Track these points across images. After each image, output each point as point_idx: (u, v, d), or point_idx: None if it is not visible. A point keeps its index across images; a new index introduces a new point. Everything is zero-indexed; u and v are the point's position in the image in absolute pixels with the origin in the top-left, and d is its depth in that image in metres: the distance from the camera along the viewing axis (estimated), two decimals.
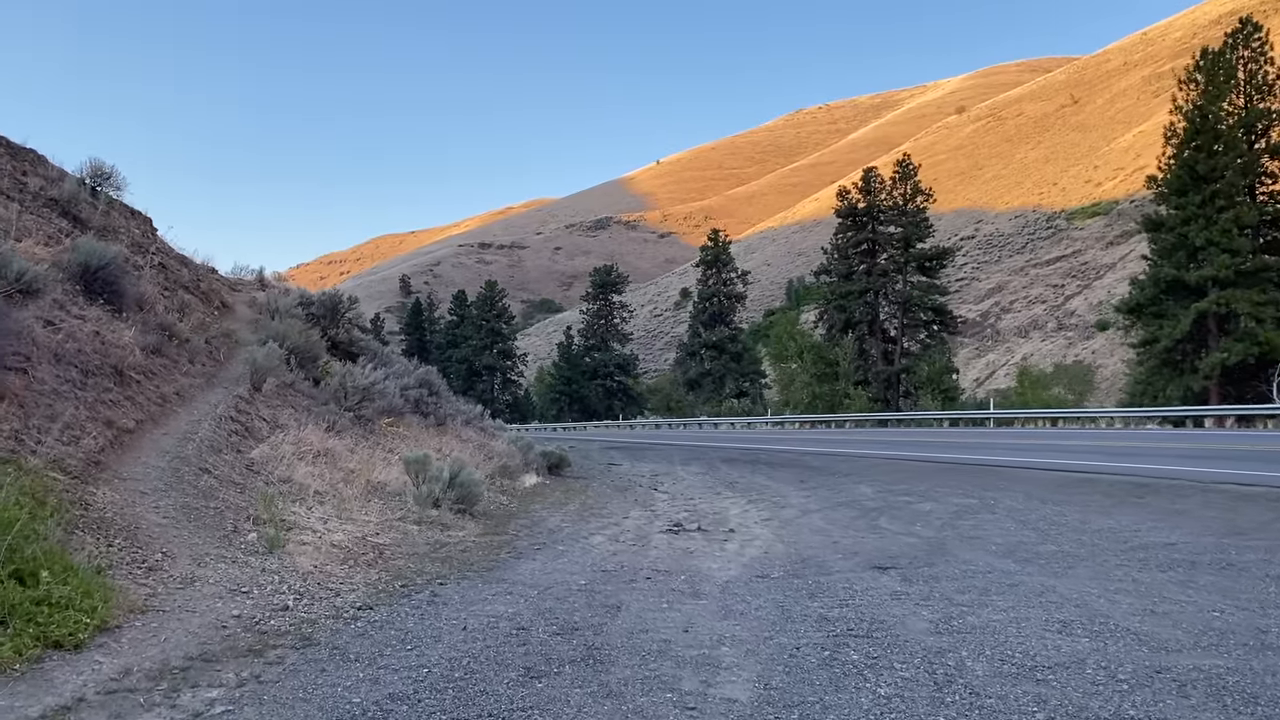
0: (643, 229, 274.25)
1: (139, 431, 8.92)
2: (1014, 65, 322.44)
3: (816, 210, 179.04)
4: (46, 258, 10.62)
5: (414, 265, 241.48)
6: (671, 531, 10.86)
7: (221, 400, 11.33)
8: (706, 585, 6.96)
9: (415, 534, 8.96)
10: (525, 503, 13.77)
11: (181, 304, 14.06)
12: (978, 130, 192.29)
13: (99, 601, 4.78)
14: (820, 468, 19.71)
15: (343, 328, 18.73)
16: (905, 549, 8.80)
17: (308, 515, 8.49)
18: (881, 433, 36.33)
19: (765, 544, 9.64)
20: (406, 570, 7.28)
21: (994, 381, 77.49)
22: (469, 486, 10.90)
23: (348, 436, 12.60)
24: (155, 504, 7.25)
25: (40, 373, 8.24)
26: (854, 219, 61.63)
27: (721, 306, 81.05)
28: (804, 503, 13.86)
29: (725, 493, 15.89)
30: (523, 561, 8.05)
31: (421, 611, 5.77)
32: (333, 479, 10.20)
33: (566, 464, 19.77)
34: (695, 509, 13.65)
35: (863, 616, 5.64)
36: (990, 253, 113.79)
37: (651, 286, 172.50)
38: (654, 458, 26.26)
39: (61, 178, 14.13)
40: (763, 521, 11.93)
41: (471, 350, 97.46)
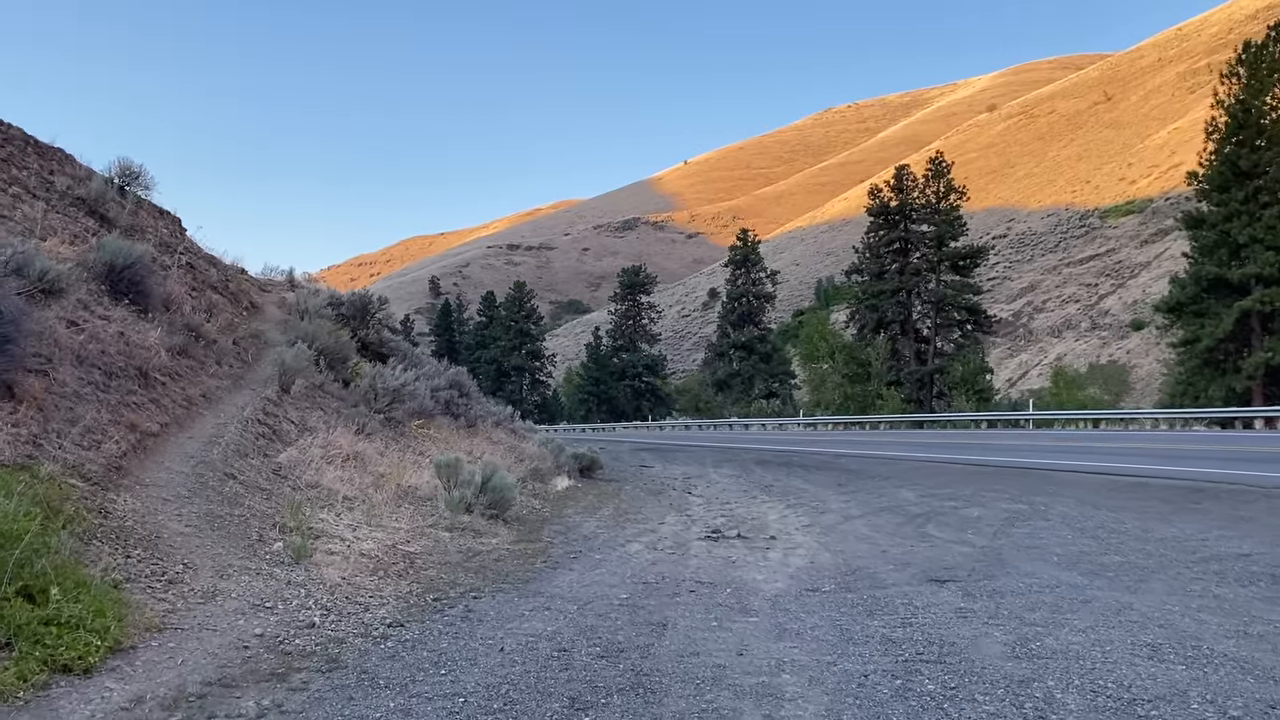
0: (670, 229, 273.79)
1: (163, 435, 8.64)
2: (1046, 62, 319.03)
3: (846, 209, 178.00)
4: (71, 257, 10.39)
5: (443, 267, 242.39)
6: (710, 538, 10.47)
7: (249, 402, 11.06)
8: (754, 600, 6.57)
9: (447, 541, 8.62)
10: (558, 507, 13.42)
11: (209, 304, 13.83)
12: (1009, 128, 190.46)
13: (112, 620, 4.45)
14: (858, 471, 19.24)
15: (373, 328, 18.47)
16: (960, 559, 8.36)
17: (336, 522, 8.17)
18: (916, 434, 35.72)
19: (810, 553, 9.23)
20: (439, 582, 6.93)
21: (1026, 382, 76.49)
22: (501, 491, 10.56)
23: (378, 439, 12.30)
24: (178, 511, 6.95)
25: (61, 374, 7.97)
26: (886, 217, 60.87)
27: (750, 307, 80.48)
28: (844, 508, 13.43)
29: (761, 496, 15.48)
30: (559, 572, 7.69)
31: (455, 629, 5.42)
32: (362, 484, 9.88)
33: (598, 466, 19.41)
34: (732, 514, 13.26)
35: (930, 638, 5.22)
36: (1022, 252, 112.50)
37: (679, 287, 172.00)
38: (685, 459, 25.87)
39: (89, 177, 13.94)
40: (804, 528, 11.52)
41: (500, 351, 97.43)
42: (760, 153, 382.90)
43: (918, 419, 43.92)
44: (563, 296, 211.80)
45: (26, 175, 12.43)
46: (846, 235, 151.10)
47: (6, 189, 11.50)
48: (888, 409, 48.95)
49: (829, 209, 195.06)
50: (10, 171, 12.15)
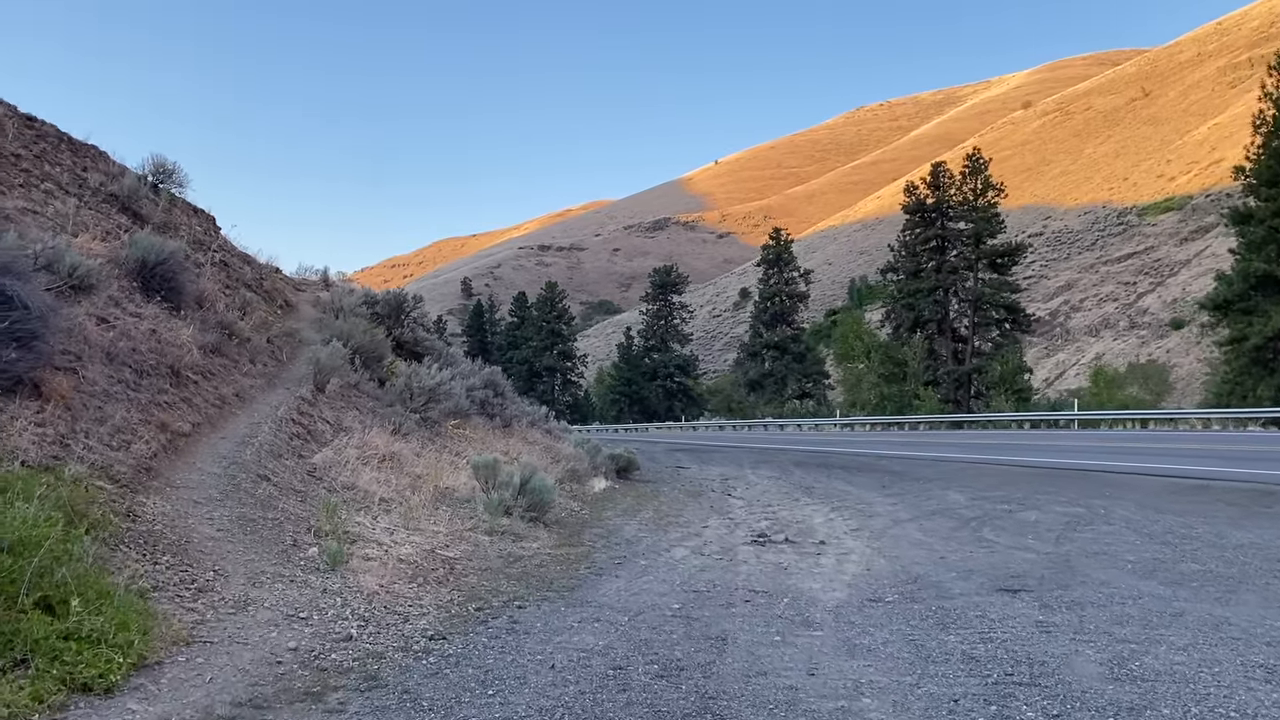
0: (701, 229, 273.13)
1: (195, 435, 8.37)
2: (1081, 59, 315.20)
3: (879, 208, 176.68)
4: (103, 253, 10.16)
5: (475, 268, 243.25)
6: (757, 543, 10.08)
7: (283, 401, 10.79)
8: (815, 611, 6.17)
9: (487, 545, 8.28)
10: (597, 509, 13.07)
11: (243, 302, 13.60)
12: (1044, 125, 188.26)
13: (137, 634, 4.14)
14: (901, 472, 18.76)
15: (407, 327, 18.22)
16: (1026, 566, 7.91)
17: (373, 526, 7.86)
18: (957, 435, 35.05)
19: (864, 559, 8.82)
20: (480, 589, 6.59)
21: (1064, 381, 75.33)
22: (541, 493, 10.22)
23: (414, 439, 12.00)
24: (209, 515, 6.66)
25: (91, 373, 7.72)
26: (922, 215, 60.12)
27: (783, 306, 79.82)
28: (892, 511, 12.99)
29: (804, 499, 15.05)
30: (605, 579, 7.32)
31: (501, 643, 5.06)
32: (399, 485, 9.57)
33: (635, 467, 19.05)
34: (776, 517, 12.86)
35: (1015, 656, 4.80)
36: (1059, 250, 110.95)
37: (710, 287, 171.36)
38: (721, 460, 25.46)
39: (122, 174, 13.76)
40: (853, 532, 11.10)
41: (532, 351, 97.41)
42: (792, 152, 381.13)
43: (957, 419, 43.16)
44: (593, 297, 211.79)
45: (59, 172, 12.25)
46: (880, 234, 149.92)
47: (39, 185, 11.32)
48: (925, 409, 48.20)
49: (861, 208, 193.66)
50: (43, 168, 11.98)
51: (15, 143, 11.92)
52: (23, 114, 13.13)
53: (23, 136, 12.40)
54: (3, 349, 6.44)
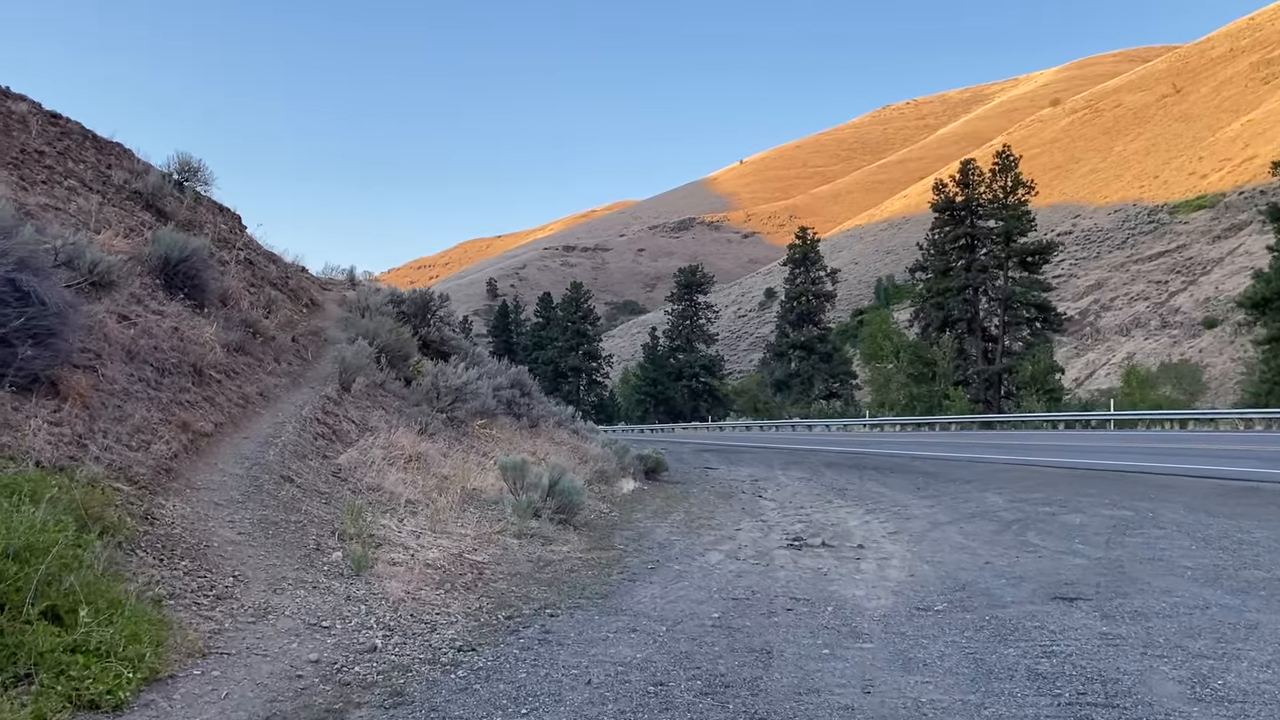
0: (726, 229, 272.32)
1: (217, 435, 8.16)
2: (1110, 56, 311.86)
3: (905, 207, 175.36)
4: (125, 250, 10.00)
5: (500, 269, 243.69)
6: (793, 547, 9.77)
7: (308, 401, 10.59)
8: (862, 620, 5.85)
9: (515, 549, 8.02)
10: (626, 511, 12.79)
11: (268, 300, 13.43)
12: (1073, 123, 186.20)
13: (149, 646, 3.89)
14: (935, 473, 18.37)
15: (433, 326, 18.02)
16: (1078, 573, 7.55)
17: (399, 529, 7.61)
18: (989, 435, 34.48)
19: (906, 564, 8.49)
20: (510, 596, 6.32)
21: (1094, 381, 74.30)
22: (570, 495, 9.95)
23: (440, 439, 11.77)
24: (230, 517, 6.43)
25: (111, 371, 7.52)
26: (951, 213, 59.42)
27: (810, 306, 79.21)
28: (930, 513, 12.65)
29: (837, 501, 14.72)
30: (639, 585, 7.03)
31: (534, 655, 4.78)
32: (425, 486, 9.33)
33: (664, 468, 18.76)
34: (810, 519, 12.54)
35: (1085, 672, 4.46)
36: (1088, 248, 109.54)
37: (735, 287, 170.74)
38: (750, 461, 25.14)
39: (146, 171, 13.64)
40: (890, 535, 10.77)
41: (557, 352, 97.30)
42: (817, 151, 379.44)
43: (988, 420, 42.54)
44: (618, 297, 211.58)
45: (83, 169, 12.12)
46: (906, 233, 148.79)
47: (62, 182, 11.19)
48: (955, 409, 47.56)
49: (888, 207, 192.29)
50: (66, 165, 11.85)
51: (39, 139, 11.80)
52: (47, 111, 13.03)
53: (47, 133, 12.28)
54: (19, 346, 6.24)
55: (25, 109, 12.06)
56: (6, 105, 11.92)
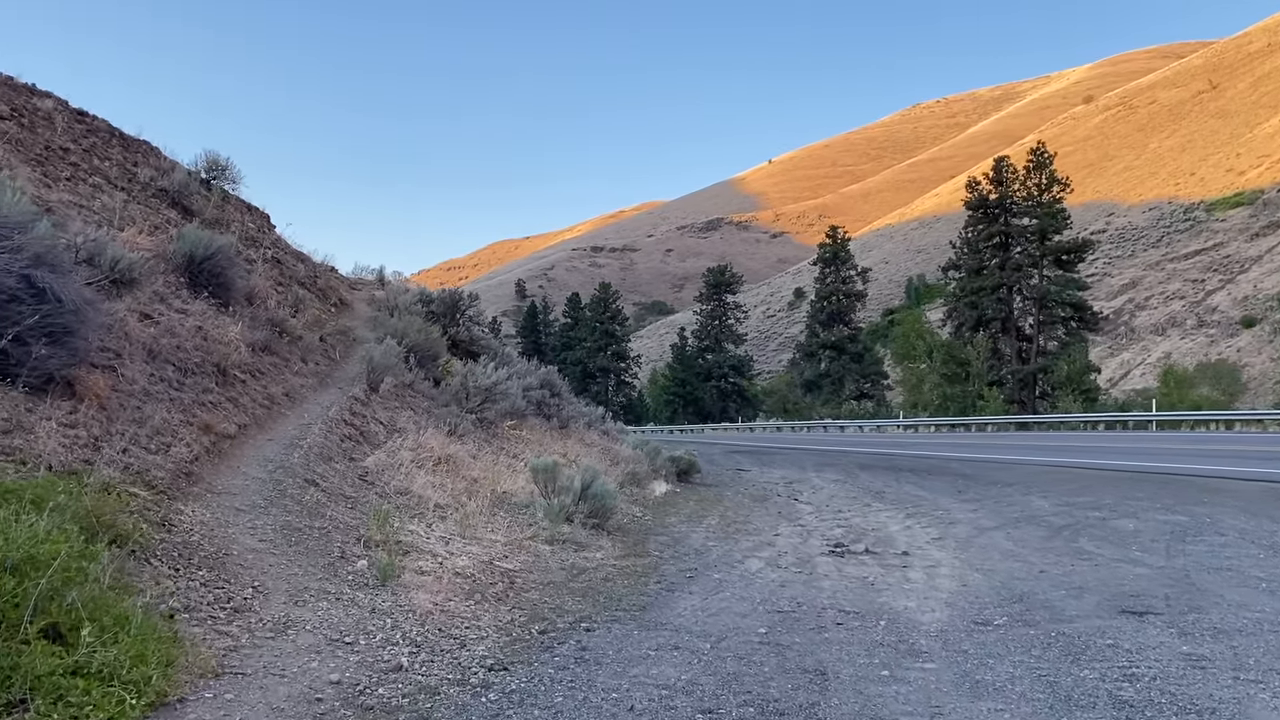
0: (755, 229, 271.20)
1: (240, 437, 7.90)
2: (1144, 52, 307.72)
3: (936, 206, 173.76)
4: (149, 247, 9.78)
5: (529, 270, 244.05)
6: (835, 553, 9.40)
7: (335, 401, 10.33)
8: (918, 636, 5.48)
9: (548, 556, 7.70)
10: (659, 515, 12.45)
11: (296, 299, 13.21)
12: (1107, 120, 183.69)
13: (156, 668, 3.59)
14: (974, 476, 17.91)
15: (463, 326, 17.77)
16: (1142, 584, 7.13)
17: (427, 534, 7.31)
18: (1026, 437, 33.80)
19: (955, 572, 8.09)
20: (543, 607, 5.99)
21: (1129, 381, 73.10)
22: (603, 499, 9.63)
23: (470, 441, 11.49)
24: (251, 524, 6.16)
25: (131, 371, 7.28)
26: (985, 211, 58.56)
27: (840, 305, 78.45)
28: (973, 518, 12.23)
29: (876, 505, 14.33)
30: (678, 596, 6.68)
31: (570, 676, 4.45)
32: (454, 490, 9.04)
33: (696, 470, 18.42)
34: (850, 524, 12.16)
35: (1175, 700, 4.07)
36: (1123, 247, 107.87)
37: (764, 287, 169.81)
38: (782, 463, 24.73)
39: (172, 169, 13.46)
40: (935, 541, 10.37)
41: (586, 352, 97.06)
42: (846, 150, 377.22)
43: (1025, 420, 41.77)
44: (646, 298, 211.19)
45: (108, 166, 11.95)
46: (937, 232, 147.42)
47: (86, 179, 11.00)
48: (989, 410, 46.81)
49: (918, 206, 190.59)
50: (91, 162, 11.68)
51: (64, 136, 11.64)
52: (73, 109, 12.88)
53: (72, 130, 12.13)
54: (33, 345, 5.99)
55: (50, 105, 11.90)
56: (32, 102, 11.76)
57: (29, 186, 9.11)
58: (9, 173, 9.04)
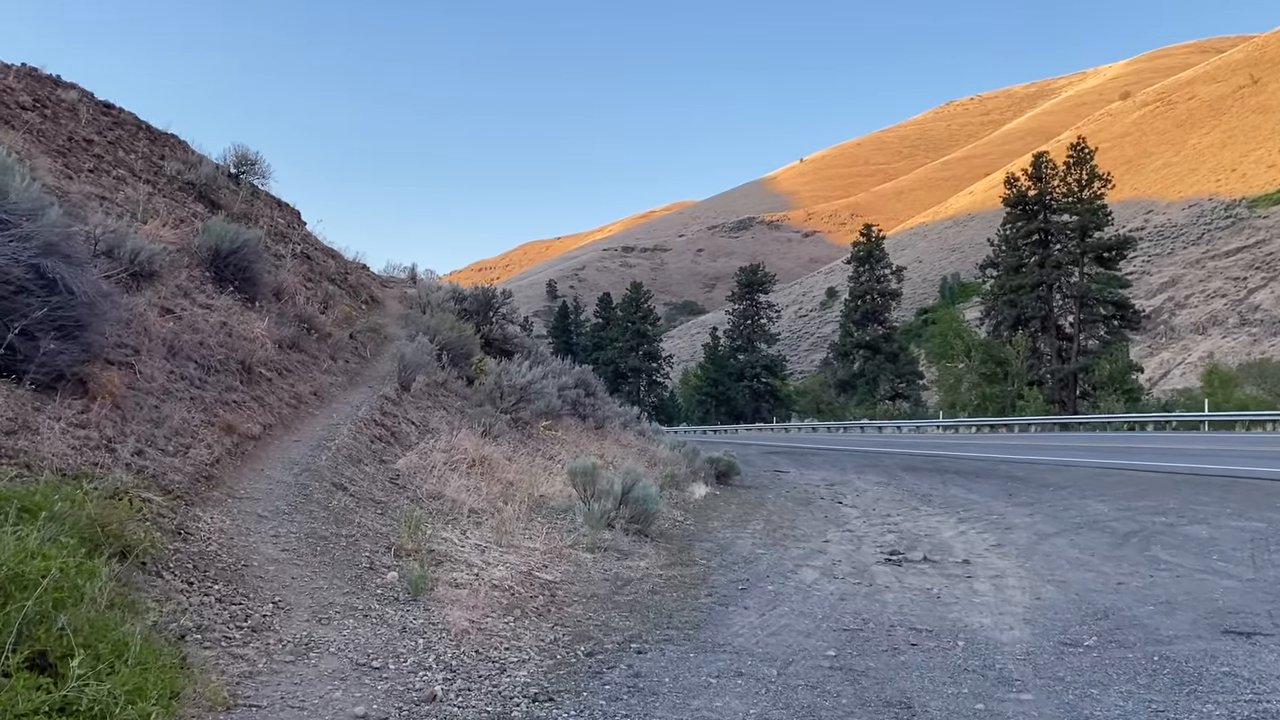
0: (786, 229, 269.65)
1: (265, 439, 7.48)
2: (1182, 47, 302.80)
3: (970, 204, 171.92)
4: (173, 240, 9.41)
5: (559, 270, 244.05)
6: (891, 562, 8.86)
7: (365, 401, 9.91)
8: (1004, 660, 4.94)
9: (589, 565, 7.21)
10: (702, 519, 11.95)
11: (325, 296, 12.82)
12: (1144, 116, 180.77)
13: (157, 703, 3.14)
14: (1023, 478, 17.26)
15: (496, 324, 17.34)
16: (1236, 598, 6.53)
17: (462, 542, 6.84)
18: (1071, 437, 32.94)
19: (1025, 584, 7.53)
20: (588, 625, 5.50)
21: (1168, 381, 71.66)
22: (645, 503, 9.13)
23: (505, 442, 11.03)
24: (274, 531, 5.72)
25: (149, 368, 6.87)
26: (1023, 207, 57.41)
27: (875, 304, 77.37)
28: (1030, 523, 11.65)
29: (924, 509, 13.76)
30: (732, 611, 6.17)
31: (624, 709, 3.94)
32: (490, 494, 8.58)
33: (735, 472, 17.89)
34: (900, 529, 11.62)
35: None
36: (1162, 245, 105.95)
37: (796, 286, 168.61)
38: (821, 464, 24.14)
39: (200, 163, 13.12)
40: (995, 549, 9.80)
41: (617, 352, 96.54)
42: (879, 148, 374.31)
43: (1070, 420, 40.74)
44: (677, 298, 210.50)
45: (133, 158, 11.61)
46: (972, 231, 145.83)
47: (110, 171, 10.66)
48: (1029, 410, 45.77)
49: (952, 204, 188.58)
50: (116, 154, 11.35)
51: (89, 128, 11.32)
52: (99, 101, 12.58)
53: (97, 122, 11.81)
54: (41, 339, 5.58)
55: (75, 97, 11.60)
56: (56, 94, 11.47)
57: (48, 177, 8.76)
58: (29, 163, 8.69)
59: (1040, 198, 56.92)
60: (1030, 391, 49.26)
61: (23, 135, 9.47)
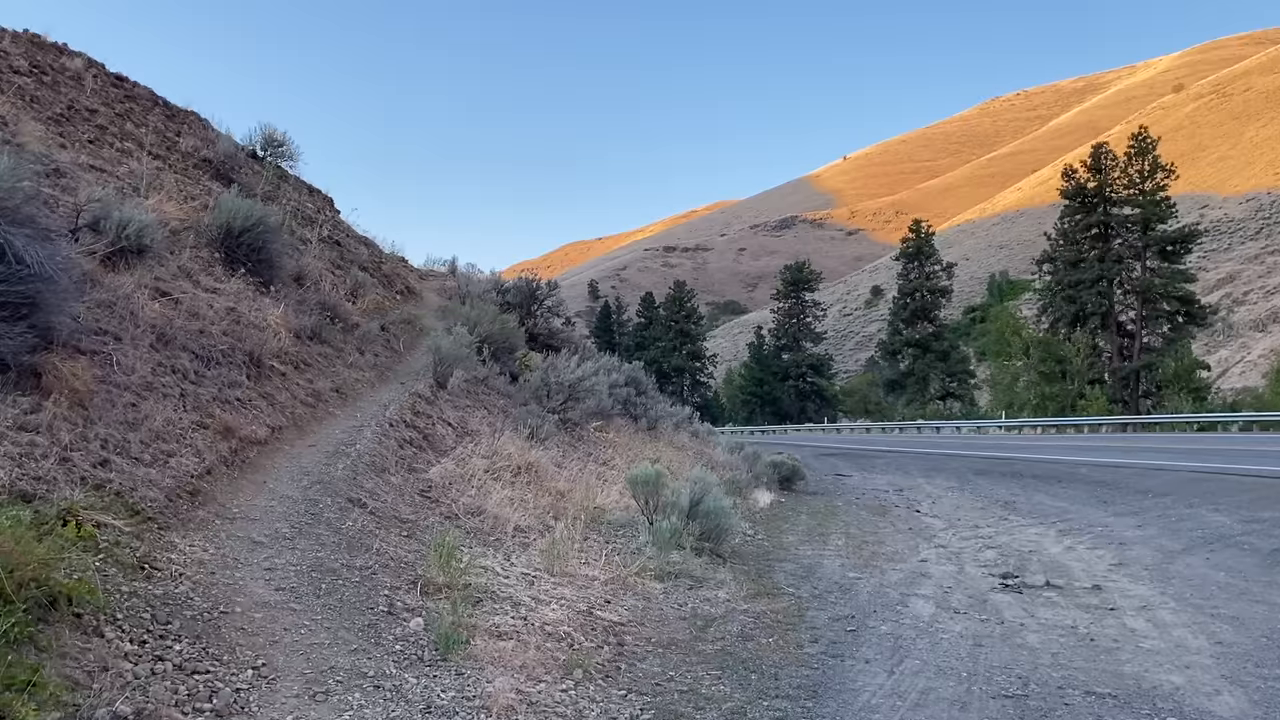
0: (829, 227, 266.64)
1: (272, 443, 6.28)
2: (1236, 38, 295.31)
3: (1018, 201, 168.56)
4: (178, 216, 8.27)
5: (601, 270, 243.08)
6: (1009, 588, 7.50)
7: (394, 399, 8.69)
8: None
9: (660, 599, 5.92)
10: (773, 532, 10.63)
11: (354, 283, 11.65)
12: (1198, 109, 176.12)
13: None
14: (1112, 483, 15.77)
15: (540, 318, 16.11)
16: None
17: (506, 571, 5.58)
18: (1145, 439, 31.08)
19: (1186, 620, 6.17)
20: (671, 692, 4.20)
21: (1227, 380, 68.98)
22: (716, 517, 7.83)
23: (553, 445, 9.76)
24: (269, 563, 4.49)
25: (130, 358, 5.69)
26: (1082, 200, 55.26)
27: (924, 301, 75.31)
28: (1143, 536, 10.25)
29: (1014, 518, 12.38)
30: (850, 667, 4.84)
31: None
32: (538, 507, 7.32)
33: (799, 476, 16.52)
34: (996, 543, 10.27)
35: None
36: (1218, 240, 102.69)
37: (840, 285, 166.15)
38: (883, 467, 22.74)
39: (218, 139, 12.02)
40: (1118, 569, 8.44)
41: (660, 352, 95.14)
42: (924, 145, 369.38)
43: (1147, 421, 38.68)
44: (719, 297, 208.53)
45: (143, 132, 10.50)
46: (1020, 227, 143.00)
47: (113, 143, 9.56)
48: (1092, 410, 43.76)
49: (1000, 200, 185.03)
50: (123, 126, 10.25)
51: (94, 98, 10.24)
52: (111, 73, 11.55)
53: (105, 94, 10.75)
54: None
55: (80, 65, 10.54)
56: (60, 61, 10.42)
57: (34, 143, 7.65)
58: (11, 128, 7.59)
59: (1100, 190, 54.76)
60: (1092, 391, 47.25)
61: (11, 100, 8.38)
